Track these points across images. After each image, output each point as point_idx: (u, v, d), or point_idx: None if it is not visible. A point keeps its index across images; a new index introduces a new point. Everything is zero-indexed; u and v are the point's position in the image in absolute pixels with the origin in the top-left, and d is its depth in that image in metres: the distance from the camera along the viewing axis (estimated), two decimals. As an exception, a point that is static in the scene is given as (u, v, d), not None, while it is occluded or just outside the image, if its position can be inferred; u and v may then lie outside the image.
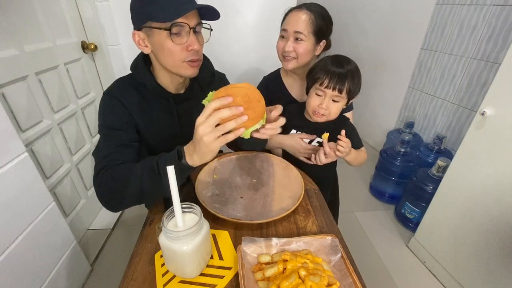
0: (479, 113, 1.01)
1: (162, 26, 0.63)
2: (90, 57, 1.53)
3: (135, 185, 0.61)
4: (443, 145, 1.64)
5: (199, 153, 0.55)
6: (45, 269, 0.99)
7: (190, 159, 0.57)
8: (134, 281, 0.51)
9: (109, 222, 1.56)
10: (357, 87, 0.82)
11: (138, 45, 0.70)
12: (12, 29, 1.01)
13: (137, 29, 0.67)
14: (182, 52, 0.67)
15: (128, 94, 0.74)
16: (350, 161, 0.90)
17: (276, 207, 0.68)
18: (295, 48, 0.89)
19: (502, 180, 0.98)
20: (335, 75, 0.79)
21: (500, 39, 1.38)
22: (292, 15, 0.89)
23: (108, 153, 0.67)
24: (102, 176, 0.65)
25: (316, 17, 0.87)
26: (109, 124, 0.71)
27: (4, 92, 0.98)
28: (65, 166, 1.32)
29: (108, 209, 0.68)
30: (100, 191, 0.66)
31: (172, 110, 0.81)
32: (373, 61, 2.29)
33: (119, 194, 0.63)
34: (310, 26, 0.87)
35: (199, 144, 0.53)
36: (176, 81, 0.78)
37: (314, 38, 0.89)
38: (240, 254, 0.53)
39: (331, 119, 0.87)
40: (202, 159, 0.56)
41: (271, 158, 0.89)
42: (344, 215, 1.68)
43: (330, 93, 0.81)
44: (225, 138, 0.53)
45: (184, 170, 0.58)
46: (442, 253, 1.26)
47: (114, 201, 0.65)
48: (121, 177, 0.63)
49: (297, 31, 0.87)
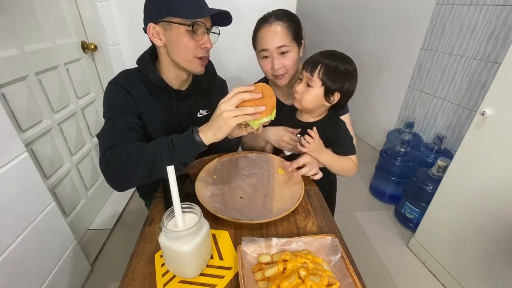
0: (479, 113, 1.01)
1: (184, 22, 0.68)
2: (90, 57, 1.53)
3: (148, 160, 0.64)
4: (443, 145, 1.64)
5: (215, 128, 0.62)
6: (45, 269, 0.99)
7: (204, 136, 0.64)
8: (134, 281, 0.51)
9: (109, 222, 1.56)
10: (337, 79, 0.76)
11: (152, 38, 0.73)
12: (12, 29, 1.01)
13: (153, 23, 0.70)
14: (196, 49, 0.73)
15: (133, 84, 0.77)
16: (327, 165, 0.82)
17: (276, 207, 0.68)
18: (283, 63, 0.85)
19: (502, 180, 0.98)
20: (314, 58, 0.77)
21: (500, 39, 1.38)
22: (266, 32, 0.84)
23: (115, 134, 0.70)
24: (111, 154, 0.66)
25: (288, 23, 0.83)
26: (116, 108, 0.74)
27: (4, 92, 0.98)
28: (65, 166, 1.32)
29: (116, 187, 0.69)
30: (110, 169, 0.67)
31: (173, 105, 0.83)
32: (373, 61, 2.29)
33: (130, 170, 0.65)
34: (289, 34, 0.83)
35: (217, 119, 0.61)
36: (181, 78, 0.81)
37: (296, 44, 0.87)
38: (240, 254, 0.52)
39: (305, 106, 0.81)
40: (216, 135, 0.63)
41: (271, 158, 0.89)
42: (344, 215, 1.68)
43: (304, 75, 0.78)
44: (242, 118, 0.61)
45: (197, 146, 0.64)
46: (442, 253, 1.26)
47: (124, 178, 0.67)
48: (133, 153, 0.66)
49: (280, 46, 0.83)
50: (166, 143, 0.65)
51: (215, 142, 0.65)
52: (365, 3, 2.29)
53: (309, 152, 0.79)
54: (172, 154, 0.64)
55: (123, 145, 0.67)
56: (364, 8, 2.31)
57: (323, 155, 0.80)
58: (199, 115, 0.92)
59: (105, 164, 0.67)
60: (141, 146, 0.67)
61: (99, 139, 0.72)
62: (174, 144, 0.64)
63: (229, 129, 0.63)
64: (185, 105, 0.87)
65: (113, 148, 0.67)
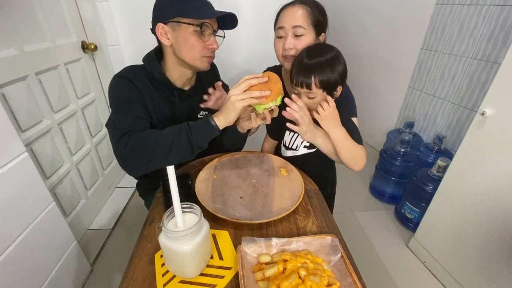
0: (479, 113, 1.01)
1: (193, 22, 0.72)
2: (90, 57, 1.53)
3: (165, 144, 0.68)
4: (443, 145, 1.64)
5: (225, 112, 0.71)
6: (45, 269, 0.99)
7: (217, 120, 0.72)
8: (134, 281, 0.51)
9: (109, 222, 1.56)
10: (333, 75, 0.73)
11: (160, 37, 0.76)
12: (12, 29, 1.01)
13: (162, 22, 0.73)
14: (203, 49, 0.76)
15: (139, 78, 0.78)
16: (337, 143, 0.76)
17: (276, 207, 0.68)
18: (295, 45, 0.81)
19: (502, 180, 0.98)
20: (301, 70, 0.73)
21: (500, 39, 1.38)
22: (287, 11, 0.82)
23: (127, 123, 0.72)
24: (128, 139, 0.69)
25: (312, 9, 0.81)
26: (124, 99, 0.75)
27: (4, 92, 0.98)
28: (65, 166, 1.32)
29: (131, 170, 0.72)
30: (126, 153, 0.69)
31: (176, 104, 0.85)
32: (373, 61, 2.29)
33: (147, 153, 0.68)
34: (309, 18, 0.80)
35: (227, 103, 0.70)
36: (185, 76, 0.84)
37: (314, 31, 0.82)
38: (240, 254, 0.52)
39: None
40: (227, 118, 0.71)
41: (271, 158, 0.89)
42: (344, 215, 1.68)
43: (301, 90, 0.75)
44: (248, 100, 0.68)
45: (212, 129, 0.71)
46: (442, 253, 1.26)
47: (140, 161, 0.69)
48: (149, 137, 0.69)
49: (295, 26, 0.80)
50: (183, 127, 0.71)
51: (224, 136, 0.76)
52: (365, 3, 2.29)
53: (323, 120, 0.74)
54: (189, 136, 0.70)
55: (138, 132, 0.70)
56: (364, 8, 2.31)
57: (336, 127, 0.75)
58: (199, 116, 0.93)
59: (121, 149, 0.69)
60: (156, 131, 0.71)
61: (109, 128, 0.76)
62: (191, 128, 0.70)
63: (237, 112, 0.70)
64: (186, 105, 0.88)
65: (129, 134, 0.70)
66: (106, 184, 1.73)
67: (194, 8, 0.71)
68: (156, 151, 0.68)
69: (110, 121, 0.76)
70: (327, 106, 0.73)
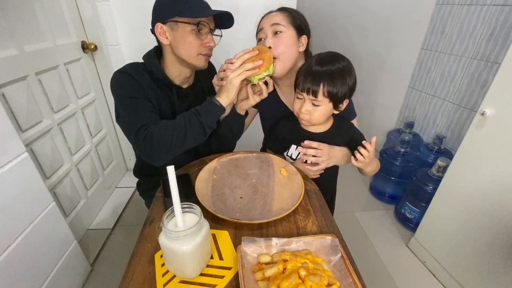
0: (479, 113, 1.01)
1: (190, 21, 0.74)
2: (90, 57, 1.53)
3: (180, 130, 0.73)
4: (443, 145, 1.64)
5: (225, 91, 0.75)
6: (45, 269, 0.99)
7: (220, 99, 0.76)
8: (134, 281, 0.51)
9: (109, 222, 1.56)
10: (342, 88, 0.73)
11: (159, 36, 0.78)
12: (12, 29, 1.02)
13: (161, 22, 0.76)
14: (200, 47, 0.79)
15: (140, 73, 0.80)
16: (367, 173, 0.80)
17: (276, 207, 0.68)
18: (274, 43, 0.81)
19: (502, 180, 0.98)
20: (309, 76, 0.72)
21: (500, 39, 1.38)
22: (266, 17, 0.85)
23: (140, 117, 0.75)
24: (145, 132, 0.73)
25: (291, 13, 0.83)
26: (131, 94, 0.77)
27: (4, 92, 0.98)
28: (65, 166, 1.32)
29: (155, 159, 0.75)
30: (147, 143, 0.73)
31: (174, 101, 0.86)
32: (373, 61, 2.29)
33: (167, 141, 0.73)
34: (288, 18, 0.82)
35: (226, 82, 0.75)
36: (183, 75, 0.86)
37: (294, 30, 0.83)
38: (240, 254, 0.52)
39: (315, 123, 0.80)
40: (228, 96, 0.76)
41: (271, 158, 0.89)
42: (344, 215, 1.68)
43: (306, 96, 0.75)
44: (244, 74, 0.73)
45: (218, 108, 0.76)
46: (442, 253, 1.26)
47: (162, 149, 0.74)
48: (165, 127, 0.74)
49: (274, 23, 0.81)
50: (192, 113, 0.75)
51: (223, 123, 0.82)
52: (365, 3, 2.29)
53: (360, 165, 0.76)
54: (199, 119, 0.74)
55: (154, 124, 0.74)
56: (364, 8, 2.31)
57: (372, 165, 0.77)
58: None
59: (142, 140, 0.73)
60: (169, 121, 0.75)
61: (121, 124, 0.79)
62: (199, 111, 0.75)
63: (236, 88, 0.75)
64: (184, 103, 0.89)
65: (146, 126, 0.73)
66: (106, 184, 1.73)
67: (191, 7, 0.74)
68: (173, 139, 0.73)
69: (121, 117, 0.78)
70: (366, 152, 0.72)
